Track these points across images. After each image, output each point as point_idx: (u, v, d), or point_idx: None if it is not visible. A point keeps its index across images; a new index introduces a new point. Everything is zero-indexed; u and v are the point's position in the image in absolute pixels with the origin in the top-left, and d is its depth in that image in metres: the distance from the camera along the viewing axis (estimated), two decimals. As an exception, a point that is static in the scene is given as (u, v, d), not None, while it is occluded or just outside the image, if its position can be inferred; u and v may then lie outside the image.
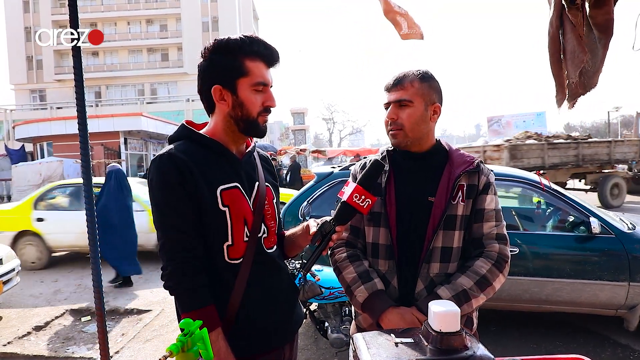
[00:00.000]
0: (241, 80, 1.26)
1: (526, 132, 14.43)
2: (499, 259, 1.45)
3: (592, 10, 1.44)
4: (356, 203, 1.30)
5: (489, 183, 1.50)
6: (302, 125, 24.96)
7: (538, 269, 3.56)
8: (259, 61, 1.27)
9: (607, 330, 3.83)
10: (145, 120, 20.40)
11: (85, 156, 1.94)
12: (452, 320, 0.92)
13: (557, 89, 1.62)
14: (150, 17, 43.38)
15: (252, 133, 1.33)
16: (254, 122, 1.29)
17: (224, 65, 1.26)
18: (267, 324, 1.33)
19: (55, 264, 7.57)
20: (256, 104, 1.27)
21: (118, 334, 4.32)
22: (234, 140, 1.34)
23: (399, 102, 1.48)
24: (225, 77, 1.26)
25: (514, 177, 3.95)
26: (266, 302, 1.33)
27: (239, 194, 1.28)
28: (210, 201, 1.23)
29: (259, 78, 1.26)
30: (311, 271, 3.18)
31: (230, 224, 1.26)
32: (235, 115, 1.28)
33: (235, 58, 1.25)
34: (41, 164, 16.93)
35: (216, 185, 1.25)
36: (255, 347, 1.31)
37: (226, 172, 1.29)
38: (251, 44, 1.25)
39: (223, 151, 1.31)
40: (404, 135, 1.49)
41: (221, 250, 1.26)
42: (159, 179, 1.22)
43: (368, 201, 1.31)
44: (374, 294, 1.45)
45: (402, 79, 1.49)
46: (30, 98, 42.13)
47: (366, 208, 1.31)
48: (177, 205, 1.21)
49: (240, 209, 1.28)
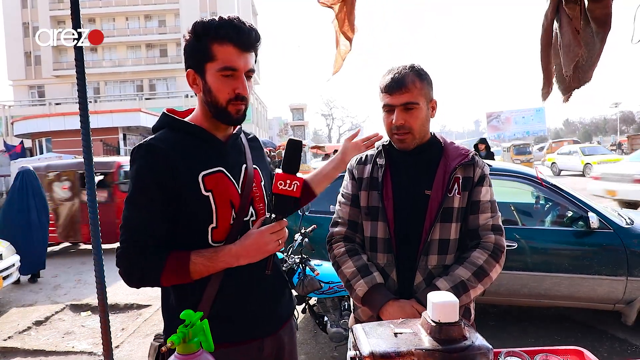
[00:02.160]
0: (208, 65, 1.21)
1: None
2: (495, 250, 1.46)
3: (591, 4, 1.44)
4: (284, 190, 1.25)
5: (483, 175, 1.52)
6: (301, 121, 24.94)
7: (536, 263, 3.57)
8: (228, 45, 1.19)
9: (605, 325, 3.85)
10: (144, 116, 20.38)
11: (88, 152, 1.94)
12: (451, 311, 0.92)
13: (543, 82, 1.62)
14: (148, 13, 43.23)
15: (224, 121, 1.28)
16: (223, 110, 1.24)
17: (194, 50, 1.22)
18: (245, 313, 1.31)
19: (55, 259, 7.58)
20: (223, 90, 1.22)
21: (118, 329, 4.34)
22: (215, 126, 1.30)
23: (404, 106, 1.45)
24: (195, 61, 1.23)
25: (512, 172, 3.96)
26: (247, 286, 1.31)
27: (223, 178, 1.27)
28: (191, 188, 1.22)
29: (226, 63, 1.20)
30: (310, 266, 3.19)
31: (215, 208, 1.24)
32: (206, 100, 1.25)
33: (203, 42, 1.20)
34: (40, 160, 16.89)
35: (198, 171, 1.23)
36: (231, 335, 1.28)
37: (209, 157, 1.27)
38: (219, 27, 1.19)
39: (205, 136, 1.29)
40: (412, 138, 1.49)
41: (205, 232, 1.26)
42: (135, 168, 1.22)
43: (295, 183, 1.25)
44: (374, 288, 1.46)
45: (404, 79, 1.45)
46: (28, 94, 42.03)
47: (296, 190, 1.26)
48: (142, 196, 1.21)
49: (225, 193, 1.26)
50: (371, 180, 1.56)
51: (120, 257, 1.21)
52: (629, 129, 60.44)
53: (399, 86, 1.45)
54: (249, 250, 1.24)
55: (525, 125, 37.38)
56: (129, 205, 1.22)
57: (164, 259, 1.20)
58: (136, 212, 1.21)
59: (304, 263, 3.22)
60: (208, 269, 1.22)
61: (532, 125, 37.40)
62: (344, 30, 1.86)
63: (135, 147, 1.24)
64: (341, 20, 1.85)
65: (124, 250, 1.21)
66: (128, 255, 1.21)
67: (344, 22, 1.85)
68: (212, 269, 1.22)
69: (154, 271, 1.20)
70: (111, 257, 1.50)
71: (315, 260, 3.40)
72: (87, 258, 7.55)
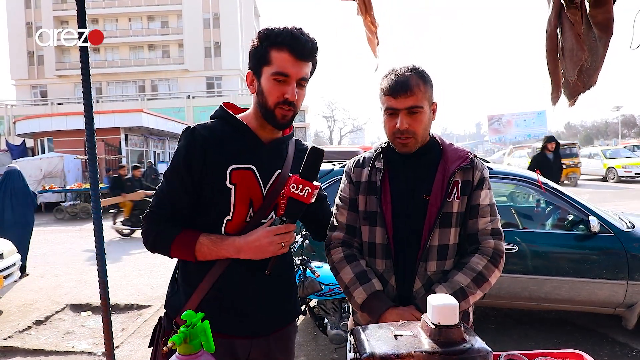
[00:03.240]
0: (265, 68, 1.30)
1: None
2: (494, 255, 1.45)
3: (592, 9, 1.44)
4: (294, 193, 1.24)
5: (483, 178, 1.49)
6: (303, 123, 24.98)
7: (537, 267, 3.57)
8: (285, 52, 1.27)
9: (605, 329, 3.85)
10: (146, 117, 20.37)
11: (92, 153, 1.95)
12: (451, 314, 0.93)
13: (552, 87, 1.62)
14: (151, 14, 43.30)
15: (270, 122, 1.35)
16: (270, 112, 1.32)
17: (255, 53, 1.32)
18: (237, 308, 1.35)
19: (55, 259, 7.59)
20: (273, 93, 1.30)
21: (118, 329, 4.34)
22: (262, 125, 1.37)
23: (408, 110, 1.42)
24: (254, 63, 1.33)
25: (513, 175, 3.96)
26: (245, 285, 1.35)
27: (250, 176, 1.33)
28: (218, 177, 1.30)
29: (280, 68, 1.28)
30: (311, 267, 3.19)
31: (234, 201, 1.32)
32: (258, 101, 1.34)
33: (264, 47, 1.29)
34: (42, 159, 16.92)
35: (229, 164, 1.31)
36: (218, 326, 1.23)
37: (244, 153, 1.34)
38: (278, 34, 1.28)
39: (247, 133, 1.36)
40: (415, 142, 1.46)
41: (221, 222, 1.33)
42: (177, 147, 1.34)
43: (307, 189, 1.24)
44: (373, 295, 1.44)
45: (408, 82, 1.41)
46: (31, 94, 42.10)
47: (307, 197, 1.24)
48: (173, 174, 1.33)
49: (247, 190, 1.33)
50: (369, 184, 1.53)
51: (144, 220, 1.36)
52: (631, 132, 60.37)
53: (404, 89, 1.40)
54: (250, 246, 1.28)
55: (527, 128, 37.39)
56: (164, 177, 1.36)
57: (176, 232, 1.31)
58: (166, 185, 1.34)
59: (305, 265, 3.22)
60: (211, 252, 1.29)
61: (533, 128, 37.41)
62: (367, 24, 1.89)
63: (185, 128, 1.36)
64: (363, 14, 1.87)
65: (148, 215, 1.35)
66: (149, 220, 1.34)
67: (366, 17, 1.88)
68: (215, 254, 1.30)
69: (166, 239, 1.31)
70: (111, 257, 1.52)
71: (315, 262, 3.40)
72: (87, 258, 7.56)
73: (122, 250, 8.09)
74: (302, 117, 25.39)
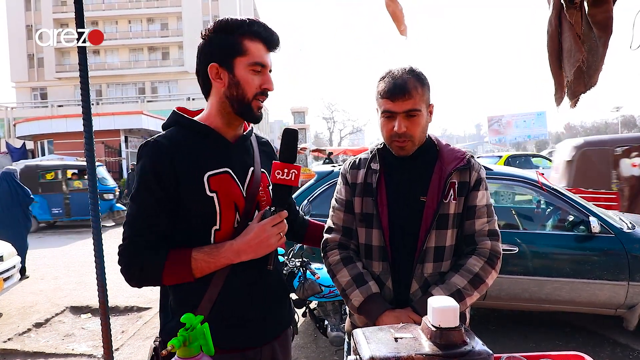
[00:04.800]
0: (238, 59, 1.23)
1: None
2: (491, 256, 1.44)
3: (592, 9, 1.44)
4: (282, 179, 1.24)
5: (480, 179, 1.49)
6: (303, 124, 24.95)
7: (538, 268, 3.56)
8: (258, 42, 1.24)
9: (606, 330, 3.84)
10: (146, 119, 20.41)
11: (90, 155, 1.95)
12: (451, 316, 0.92)
13: (556, 87, 1.62)
14: (151, 16, 43.35)
15: (246, 116, 1.29)
16: (247, 105, 1.26)
17: (223, 44, 1.24)
18: (243, 320, 1.29)
19: (55, 261, 7.58)
20: (252, 84, 1.25)
21: (118, 331, 4.33)
22: (228, 123, 1.31)
23: (406, 113, 1.41)
24: (222, 55, 1.24)
25: (513, 176, 3.96)
26: (247, 292, 1.29)
27: (228, 179, 1.26)
28: (196, 187, 1.21)
29: (257, 58, 1.24)
30: (311, 269, 3.19)
31: (219, 209, 1.23)
32: (230, 94, 1.26)
33: (234, 37, 1.23)
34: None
35: (203, 171, 1.22)
36: (226, 342, 1.23)
37: (216, 157, 1.26)
38: (251, 24, 1.24)
39: (212, 135, 1.29)
40: (412, 145, 1.45)
41: (208, 234, 1.25)
42: (140, 165, 1.22)
43: (293, 172, 1.24)
44: (370, 298, 1.43)
45: (406, 85, 1.40)
46: (31, 96, 42.12)
47: (294, 179, 1.25)
48: (144, 193, 1.20)
49: (230, 195, 1.25)
50: (365, 185, 1.52)
51: (121, 255, 1.20)
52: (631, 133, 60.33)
53: (402, 92, 1.39)
54: (250, 244, 1.22)
55: (527, 129, 37.38)
56: (131, 202, 1.22)
57: (164, 256, 1.19)
58: (137, 208, 1.20)
59: (305, 266, 3.21)
60: (209, 265, 1.21)
61: (533, 129, 37.41)
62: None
63: (142, 144, 1.24)
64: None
65: (125, 248, 1.19)
66: (128, 252, 1.19)
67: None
68: (214, 266, 1.21)
69: (155, 268, 1.18)
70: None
71: (315, 264, 3.40)
72: (87, 260, 7.55)
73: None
74: (301, 119, 25.35)
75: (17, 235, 6.43)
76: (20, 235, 6.51)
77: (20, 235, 6.49)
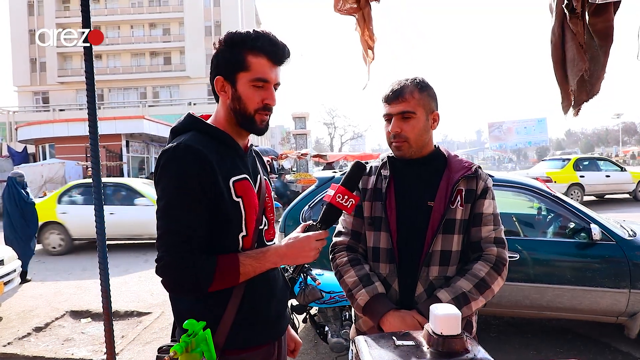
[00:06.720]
0: (241, 74, 1.25)
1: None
2: (497, 262, 1.47)
3: (592, 18, 1.45)
4: (339, 203, 1.32)
5: (487, 188, 1.53)
6: (304, 130, 24.91)
7: (539, 275, 3.56)
8: (262, 57, 1.24)
9: (607, 338, 3.82)
10: (147, 123, 20.45)
11: (95, 158, 1.96)
12: (454, 323, 0.92)
13: (562, 96, 1.63)
14: (153, 21, 43.60)
15: (249, 129, 1.31)
16: (250, 118, 1.28)
17: (227, 58, 1.26)
18: (268, 315, 1.33)
19: (55, 265, 7.58)
20: (254, 100, 1.26)
21: (118, 336, 4.32)
22: (237, 133, 1.32)
23: (401, 115, 1.49)
24: (227, 69, 1.26)
25: (515, 183, 3.96)
26: (266, 294, 1.34)
27: (249, 185, 1.28)
28: (227, 192, 1.22)
29: (259, 74, 1.25)
30: (312, 275, 3.18)
31: (244, 214, 1.25)
32: (234, 107, 1.28)
33: (238, 51, 1.24)
34: (43, 165, 16.96)
35: (229, 176, 1.24)
36: (255, 339, 1.29)
37: (236, 163, 1.29)
38: (255, 39, 1.24)
39: (232, 143, 1.30)
40: (408, 147, 1.52)
41: (236, 242, 1.25)
42: (174, 169, 1.17)
43: (351, 201, 1.33)
44: (375, 297, 1.46)
45: (402, 90, 1.50)
46: (33, 100, 42.31)
47: (350, 207, 1.33)
48: (186, 198, 1.16)
49: (251, 200, 1.28)
50: (375, 191, 1.57)
51: (168, 267, 1.15)
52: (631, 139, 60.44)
53: (396, 96, 1.50)
54: (293, 251, 1.27)
55: (527, 135, 37.45)
56: (171, 210, 1.17)
57: (214, 262, 1.17)
58: (183, 216, 1.16)
59: (306, 272, 3.21)
60: (255, 269, 1.23)
61: (534, 136, 37.47)
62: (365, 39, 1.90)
63: (171, 147, 1.19)
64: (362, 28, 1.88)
65: (173, 259, 1.14)
66: (177, 263, 1.14)
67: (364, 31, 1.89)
68: (259, 269, 1.24)
69: (208, 275, 1.15)
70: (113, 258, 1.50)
71: (316, 270, 3.40)
72: (88, 264, 7.55)
73: (123, 257, 8.07)
74: (302, 124, 25.36)
75: (19, 240, 6.46)
76: (22, 240, 6.51)
77: (22, 240, 6.50)
